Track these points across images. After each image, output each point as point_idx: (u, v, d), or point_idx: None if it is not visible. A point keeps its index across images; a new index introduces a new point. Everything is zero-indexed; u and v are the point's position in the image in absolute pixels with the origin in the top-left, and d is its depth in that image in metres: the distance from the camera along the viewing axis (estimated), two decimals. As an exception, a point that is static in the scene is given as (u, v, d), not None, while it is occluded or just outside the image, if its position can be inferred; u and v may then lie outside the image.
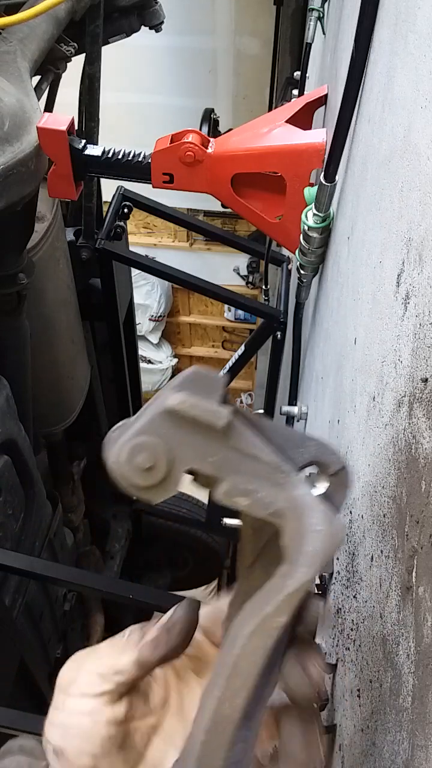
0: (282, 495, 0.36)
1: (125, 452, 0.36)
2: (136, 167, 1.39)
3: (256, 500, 0.36)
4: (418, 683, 0.38)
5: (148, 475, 0.35)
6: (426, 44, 0.50)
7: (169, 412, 0.36)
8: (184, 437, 0.36)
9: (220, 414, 0.36)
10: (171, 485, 0.36)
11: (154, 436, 0.36)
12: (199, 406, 0.36)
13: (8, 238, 1.66)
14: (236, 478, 0.36)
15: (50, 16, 1.66)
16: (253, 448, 0.37)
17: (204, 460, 0.36)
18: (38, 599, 2.30)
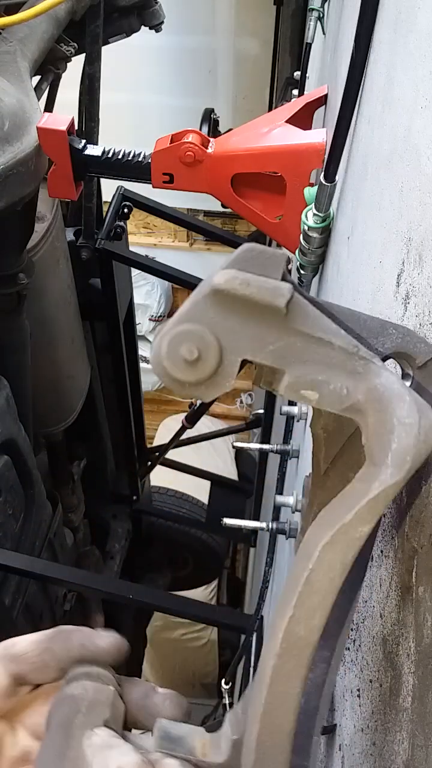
0: (361, 385, 0.31)
1: (165, 343, 0.30)
2: (136, 167, 1.39)
3: (329, 393, 0.31)
4: (418, 683, 0.38)
5: (194, 368, 0.30)
6: (426, 44, 0.50)
7: (216, 293, 0.30)
8: (236, 322, 0.30)
9: (281, 290, 0.30)
10: (224, 379, 0.30)
11: (199, 324, 0.30)
12: (253, 282, 0.30)
13: (8, 238, 1.66)
14: (302, 368, 0.30)
15: (50, 16, 1.66)
16: (322, 331, 0.31)
17: (262, 349, 0.30)
18: (38, 599, 2.30)
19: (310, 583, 0.30)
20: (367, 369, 0.31)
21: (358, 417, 0.31)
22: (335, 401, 0.31)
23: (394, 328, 0.36)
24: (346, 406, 0.31)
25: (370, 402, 0.31)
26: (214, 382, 0.31)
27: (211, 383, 0.31)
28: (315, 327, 0.31)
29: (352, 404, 0.31)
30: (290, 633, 0.30)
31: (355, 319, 0.36)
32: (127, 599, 1.78)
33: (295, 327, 0.30)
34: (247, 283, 0.30)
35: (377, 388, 0.31)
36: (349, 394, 0.31)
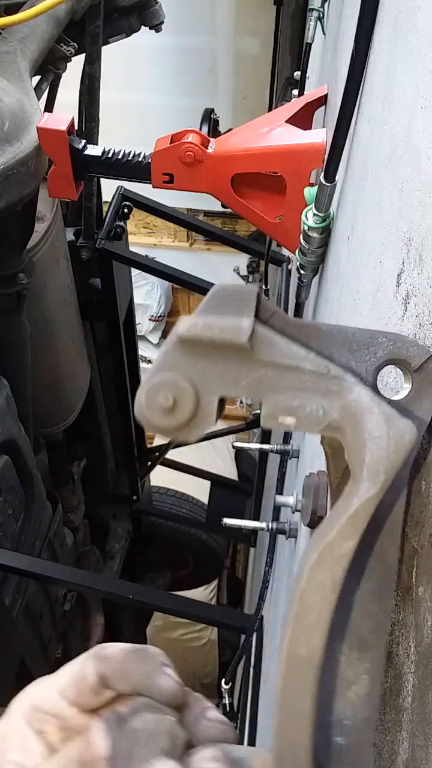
0: (336, 403, 0.31)
1: (143, 394, 0.32)
2: (136, 167, 1.39)
3: (306, 416, 0.31)
4: (418, 683, 0.38)
5: (173, 414, 0.32)
6: (426, 44, 0.50)
7: (182, 341, 0.31)
8: (206, 364, 0.31)
9: (241, 328, 0.31)
10: (205, 419, 0.32)
11: (170, 371, 0.32)
12: (214, 325, 0.31)
13: (8, 238, 1.66)
14: (276, 397, 0.31)
15: (50, 16, 1.66)
16: (290, 358, 0.32)
17: (236, 385, 0.31)
18: (38, 599, 2.30)
19: (304, 603, 0.31)
20: (341, 386, 0.32)
21: (338, 435, 0.32)
22: (313, 423, 0.32)
23: (383, 336, 0.37)
24: (324, 426, 0.32)
25: (345, 419, 0.32)
26: (196, 423, 0.32)
27: (193, 425, 0.32)
28: (282, 355, 0.32)
29: (329, 423, 0.32)
30: (292, 654, 0.31)
31: (343, 335, 0.36)
32: (127, 599, 1.78)
33: (263, 359, 0.32)
34: (209, 326, 0.31)
35: (350, 405, 0.32)
36: (326, 414, 0.32)
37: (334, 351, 0.36)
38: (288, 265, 2.50)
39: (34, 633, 2.32)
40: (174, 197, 1.86)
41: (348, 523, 0.30)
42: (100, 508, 3.21)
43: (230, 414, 6.41)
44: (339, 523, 0.30)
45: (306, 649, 0.31)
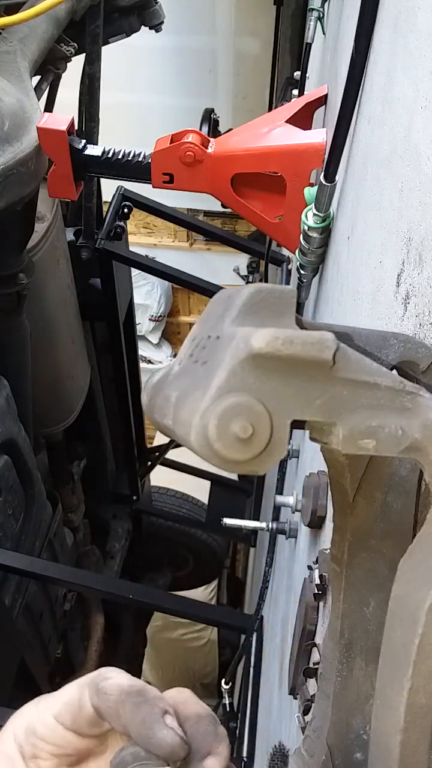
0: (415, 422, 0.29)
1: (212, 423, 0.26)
2: (136, 167, 1.39)
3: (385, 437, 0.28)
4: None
5: (249, 445, 0.27)
6: (426, 44, 0.50)
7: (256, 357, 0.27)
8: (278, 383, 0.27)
9: (326, 342, 0.27)
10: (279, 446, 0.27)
11: (242, 394, 0.27)
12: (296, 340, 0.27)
13: (8, 238, 1.66)
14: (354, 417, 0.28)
15: (50, 17, 1.66)
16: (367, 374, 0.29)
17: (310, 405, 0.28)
18: (38, 599, 2.30)
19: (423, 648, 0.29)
20: (416, 403, 0.30)
21: (417, 456, 0.29)
22: (393, 445, 0.29)
23: (394, 338, 0.36)
24: (404, 448, 0.29)
25: (428, 439, 0.29)
26: (269, 451, 0.27)
27: (266, 454, 0.27)
28: (360, 371, 0.29)
29: (410, 444, 0.29)
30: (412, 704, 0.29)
31: (357, 336, 0.35)
32: (127, 599, 1.78)
33: (340, 376, 0.28)
34: (290, 341, 0.27)
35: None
36: (405, 434, 0.29)
37: None
38: (288, 265, 2.50)
39: (34, 633, 2.32)
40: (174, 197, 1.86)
41: None
42: (100, 507, 3.20)
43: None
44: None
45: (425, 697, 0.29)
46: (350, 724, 0.40)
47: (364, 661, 0.39)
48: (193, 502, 3.88)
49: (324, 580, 0.83)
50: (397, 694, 0.29)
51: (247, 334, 0.27)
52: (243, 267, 5.63)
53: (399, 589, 0.30)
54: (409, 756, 0.30)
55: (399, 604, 0.30)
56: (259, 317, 0.29)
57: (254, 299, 0.30)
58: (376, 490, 0.35)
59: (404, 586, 0.30)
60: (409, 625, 0.29)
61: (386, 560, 0.38)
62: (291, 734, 1.13)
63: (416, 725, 0.29)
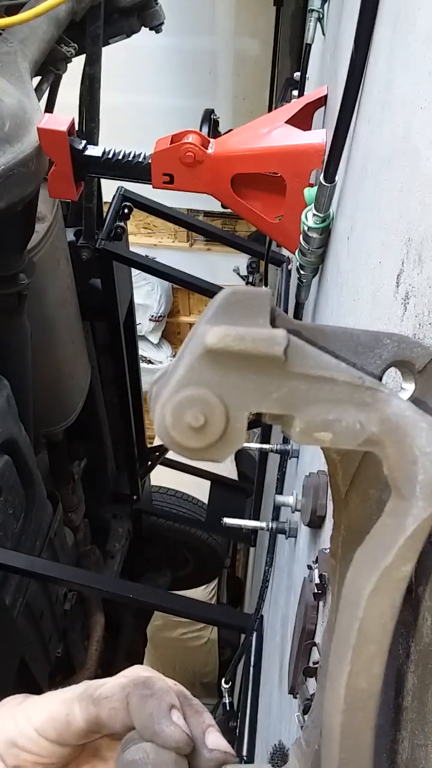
0: (374, 416, 0.30)
1: (168, 413, 0.29)
2: (136, 168, 1.39)
3: (342, 430, 0.30)
4: (417, 682, 0.38)
5: (203, 433, 0.29)
6: (425, 45, 0.50)
7: (210, 353, 0.29)
8: (236, 377, 0.29)
9: (276, 338, 0.29)
10: (235, 437, 0.29)
11: (198, 387, 0.29)
12: (246, 336, 0.29)
13: (9, 239, 1.66)
14: (310, 410, 0.30)
15: (51, 17, 1.66)
16: (323, 369, 0.30)
17: (266, 398, 0.29)
18: (39, 599, 2.30)
19: (363, 633, 0.30)
20: (376, 398, 0.30)
21: (375, 449, 0.30)
22: (350, 438, 0.30)
23: (388, 338, 0.36)
24: (361, 441, 0.30)
25: (385, 433, 0.30)
26: (226, 441, 0.30)
27: (223, 443, 0.30)
28: (316, 366, 0.30)
29: (367, 438, 0.30)
30: (352, 687, 0.30)
31: (348, 337, 0.35)
32: (128, 599, 1.78)
33: (295, 371, 0.30)
34: (241, 337, 0.29)
35: (390, 418, 0.30)
36: (363, 428, 0.30)
37: (339, 354, 0.36)
38: (288, 265, 2.50)
39: (35, 632, 2.32)
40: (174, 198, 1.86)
41: (406, 545, 0.29)
42: (100, 507, 3.21)
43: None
44: (396, 546, 0.29)
45: (366, 682, 0.30)
46: None
47: None
48: (193, 502, 3.88)
49: (324, 580, 0.84)
50: (339, 677, 0.30)
51: (203, 331, 0.29)
52: (243, 267, 5.63)
53: (349, 576, 0.31)
54: (351, 738, 0.30)
55: (347, 590, 0.31)
56: (233, 317, 0.30)
57: (230, 300, 0.31)
58: (371, 487, 0.35)
59: (352, 573, 0.31)
60: (351, 611, 0.30)
61: None
62: (291, 733, 1.13)
63: (357, 708, 0.30)
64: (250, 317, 0.30)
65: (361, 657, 0.30)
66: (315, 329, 0.35)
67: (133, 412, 2.82)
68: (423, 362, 0.36)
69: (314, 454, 1.12)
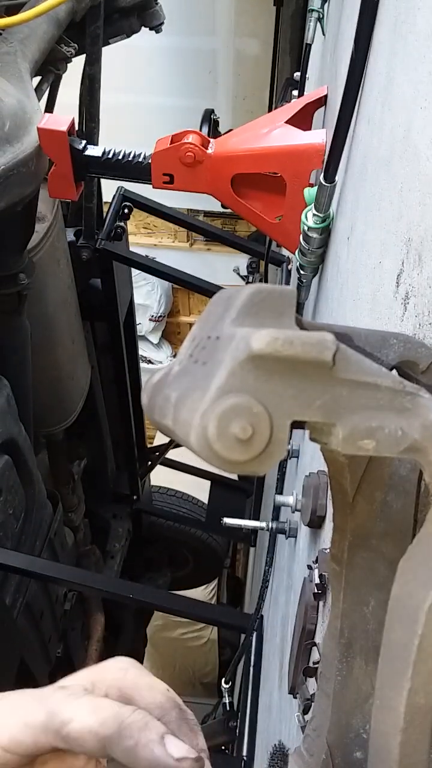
0: (415, 422, 0.29)
1: (212, 424, 0.26)
2: (136, 168, 1.39)
3: (385, 438, 0.29)
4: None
5: (249, 446, 0.27)
6: (425, 45, 0.50)
7: (255, 358, 0.27)
8: (278, 383, 0.28)
9: (326, 343, 0.28)
10: (278, 447, 0.27)
11: (243, 395, 0.27)
12: (296, 341, 0.27)
13: (9, 239, 1.66)
14: (353, 418, 0.28)
15: (51, 17, 1.66)
16: (367, 374, 0.29)
17: (310, 406, 0.28)
18: (39, 598, 2.30)
19: (424, 648, 0.29)
20: (416, 403, 0.30)
21: (417, 456, 0.30)
22: (392, 445, 0.29)
23: (395, 338, 0.36)
24: (404, 448, 0.29)
25: (428, 439, 0.29)
26: (269, 452, 0.27)
27: (266, 455, 0.27)
28: (360, 371, 0.29)
29: (410, 445, 0.29)
30: (411, 705, 0.29)
31: (356, 336, 0.35)
32: (128, 599, 1.78)
33: (341, 376, 0.29)
34: (290, 342, 0.27)
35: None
36: (405, 435, 0.29)
37: None
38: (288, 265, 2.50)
39: (35, 632, 2.32)
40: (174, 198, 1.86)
41: None
42: (100, 507, 3.21)
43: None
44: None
45: (424, 698, 0.29)
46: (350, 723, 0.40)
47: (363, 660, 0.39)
48: (193, 502, 3.88)
49: (324, 580, 0.84)
50: (397, 694, 0.29)
51: (246, 334, 0.27)
52: (243, 267, 5.63)
53: (399, 589, 0.30)
54: (409, 756, 0.30)
55: (399, 604, 0.30)
56: (259, 318, 0.29)
57: (254, 299, 0.30)
58: (377, 489, 0.35)
59: (404, 586, 0.30)
60: (408, 626, 0.29)
61: (386, 560, 0.38)
62: (291, 733, 1.13)
63: (416, 725, 0.29)
64: (276, 317, 0.29)
65: (421, 673, 0.29)
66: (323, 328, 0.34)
67: (133, 412, 2.82)
68: (427, 362, 0.36)
69: (314, 454, 1.12)
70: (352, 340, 0.34)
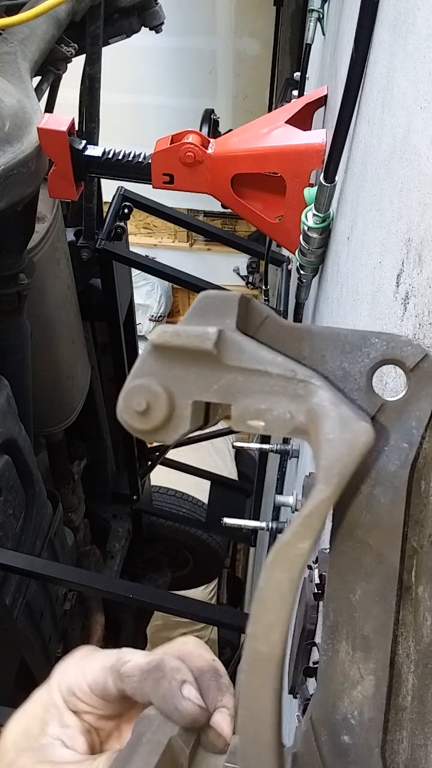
0: (302, 407, 0.32)
1: (121, 399, 0.34)
2: (136, 168, 1.39)
3: (273, 419, 0.33)
4: (417, 683, 0.39)
5: (147, 417, 0.34)
6: (425, 45, 0.50)
7: (155, 348, 0.34)
8: (180, 370, 0.33)
9: (207, 335, 0.33)
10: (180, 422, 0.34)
11: (145, 377, 0.34)
12: (182, 333, 0.33)
13: (9, 239, 1.66)
14: (246, 400, 0.33)
15: (51, 17, 1.66)
16: (257, 362, 0.33)
17: (208, 389, 0.33)
18: (39, 598, 2.30)
19: (263, 602, 0.31)
20: (308, 390, 0.33)
21: (304, 437, 0.33)
22: (281, 426, 0.33)
23: (376, 337, 0.37)
24: (290, 429, 0.32)
25: (310, 422, 0.32)
26: (172, 425, 0.34)
27: (170, 427, 0.34)
28: (250, 360, 0.33)
29: (296, 427, 0.32)
30: (252, 650, 0.32)
31: (335, 337, 0.37)
32: (128, 599, 1.78)
33: (231, 364, 0.33)
34: (177, 334, 0.33)
35: (314, 408, 0.32)
36: (293, 418, 0.32)
37: (326, 353, 0.37)
38: (288, 265, 2.50)
39: (35, 632, 2.32)
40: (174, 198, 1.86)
41: (303, 523, 0.30)
42: (100, 507, 3.21)
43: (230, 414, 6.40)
44: (294, 523, 0.31)
45: (266, 646, 0.31)
46: (336, 706, 0.40)
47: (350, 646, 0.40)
48: (193, 502, 3.88)
49: (324, 580, 0.84)
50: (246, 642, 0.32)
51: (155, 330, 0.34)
52: (243, 267, 5.63)
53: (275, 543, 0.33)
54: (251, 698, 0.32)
55: None
56: (204, 318, 0.34)
57: (201, 303, 0.35)
58: (361, 483, 0.36)
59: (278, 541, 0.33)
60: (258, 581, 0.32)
61: (372, 552, 0.39)
62: (291, 733, 1.13)
63: (257, 671, 0.31)
64: (220, 318, 0.34)
65: (260, 623, 0.31)
66: (302, 328, 0.37)
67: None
68: (414, 360, 0.36)
69: (314, 454, 1.12)
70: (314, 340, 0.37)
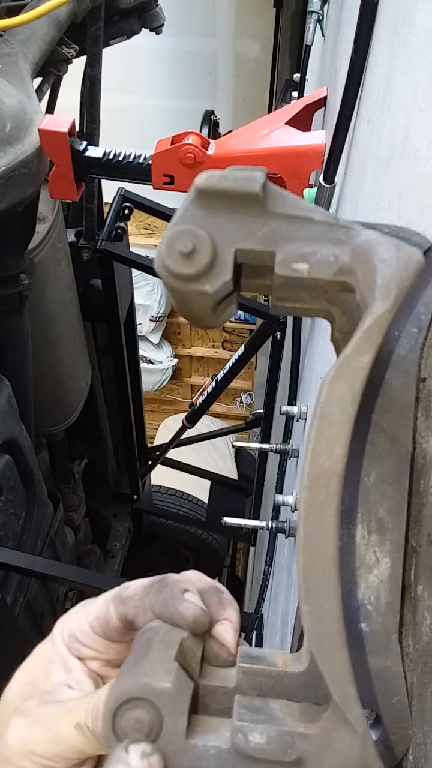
0: (346, 249, 0.33)
1: (164, 245, 0.33)
2: (136, 169, 1.39)
3: (318, 262, 0.33)
4: (416, 682, 0.39)
5: (191, 260, 0.33)
6: (425, 46, 0.50)
7: (199, 194, 0.33)
8: (223, 218, 0.33)
9: (255, 177, 0.33)
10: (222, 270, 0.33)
11: (189, 224, 0.33)
12: (229, 176, 0.33)
13: (10, 239, 1.66)
14: (290, 246, 0.33)
15: (51, 19, 1.66)
16: (300, 210, 0.33)
17: (250, 237, 0.33)
18: (40, 598, 2.30)
19: (324, 416, 0.31)
20: (349, 235, 0.33)
21: (349, 278, 0.33)
22: (325, 268, 0.33)
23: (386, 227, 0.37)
24: (335, 270, 0.33)
25: (356, 259, 0.33)
26: (214, 273, 0.33)
27: (212, 275, 0.33)
28: (294, 207, 0.33)
29: (340, 267, 0.33)
30: (315, 465, 0.31)
31: None
32: (128, 599, 1.78)
33: (275, 211, 0.33)
34: (224, 177, 0.33)
35: (360, 246, 0.33)
36: (337, 259, 0.33)
37: None
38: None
39: (36, 631, 2.32)
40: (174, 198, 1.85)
41: (364, 337, 0.31)
42: (101, 507, 3.21)
43: (230, 414, 6.41)
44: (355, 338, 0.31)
45: (328, 461, 0.31)
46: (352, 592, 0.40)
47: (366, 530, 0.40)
48: (193, 501, 3.89)
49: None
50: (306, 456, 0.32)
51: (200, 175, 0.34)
52: (243, 267, 5.62)
53: None
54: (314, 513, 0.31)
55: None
56: None
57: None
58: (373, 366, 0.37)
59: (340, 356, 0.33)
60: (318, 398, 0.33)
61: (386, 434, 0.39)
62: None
63: (320, 486, 0.31)
64: None
65: (323, 437, 0.31)
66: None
67: (133, 412, 2.82)
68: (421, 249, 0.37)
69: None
70: None
